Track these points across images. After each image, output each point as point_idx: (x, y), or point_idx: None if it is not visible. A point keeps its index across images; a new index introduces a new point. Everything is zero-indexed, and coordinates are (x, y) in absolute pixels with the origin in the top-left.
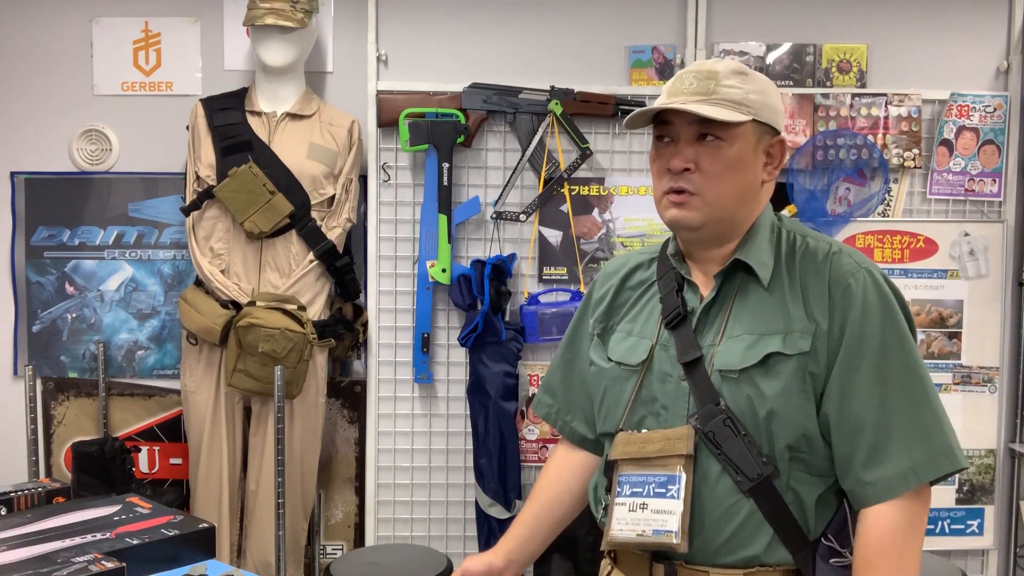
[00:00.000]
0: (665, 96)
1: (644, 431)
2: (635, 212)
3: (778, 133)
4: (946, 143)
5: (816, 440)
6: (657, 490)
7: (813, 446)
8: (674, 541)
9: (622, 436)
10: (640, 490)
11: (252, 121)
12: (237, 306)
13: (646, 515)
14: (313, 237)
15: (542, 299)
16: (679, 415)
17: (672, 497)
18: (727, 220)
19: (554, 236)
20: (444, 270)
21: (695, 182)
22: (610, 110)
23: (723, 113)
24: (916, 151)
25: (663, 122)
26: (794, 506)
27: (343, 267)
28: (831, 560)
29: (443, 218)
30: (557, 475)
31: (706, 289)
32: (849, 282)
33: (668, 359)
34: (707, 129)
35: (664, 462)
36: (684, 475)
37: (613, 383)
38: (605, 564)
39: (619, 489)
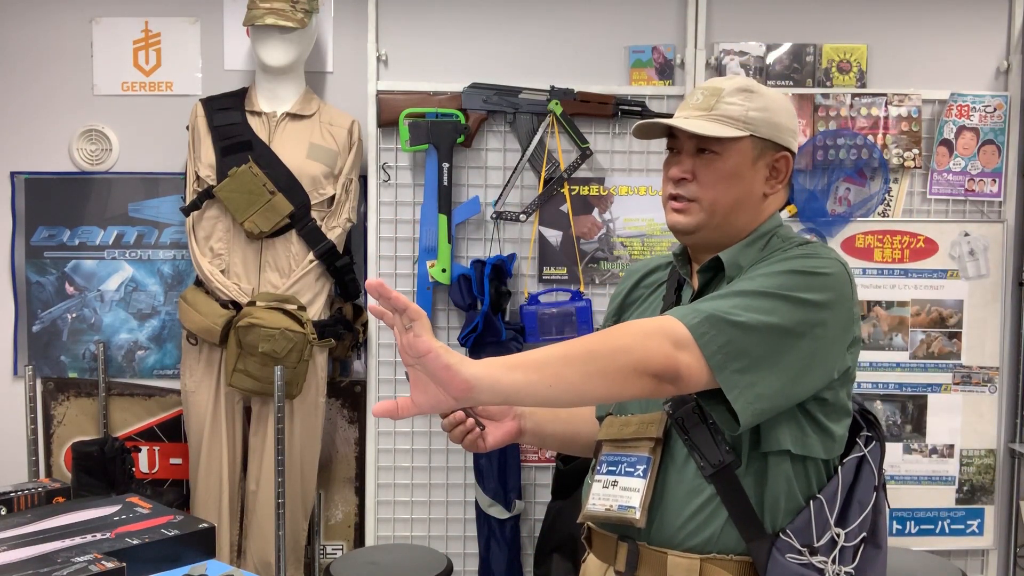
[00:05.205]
0: (678, 109)
1: (628, 415)
2: (635, 212)
3: (785, 149)
4: (946, 143)
5: (775, 429)
6: (628, 469)
7: (769, 435)
8: (635, 516)
9: (608, 419)
10: (615, 468)
11: (252, 121)
12: (237, 306)
13: (615, 491)
14: (313, 237)
15: (542, 299)
16: (658, 402)
17: (639, 476)
18: (723, 227)
19: (554, 236)
20: (444, 270)
21: (692, 190)
22: (610, 110)
23: (713, 128)
24: (916, 151)
25: (672, 134)
26: (754, 496)
27: (343, 267)
28: (788, 555)
29: (443, 218)
30: (578, 410)
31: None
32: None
33: None
34: (704, 143)
35: (637, 444)
36: (652, 456)
37: None
38: (587, 552)
39: (599, 468)
